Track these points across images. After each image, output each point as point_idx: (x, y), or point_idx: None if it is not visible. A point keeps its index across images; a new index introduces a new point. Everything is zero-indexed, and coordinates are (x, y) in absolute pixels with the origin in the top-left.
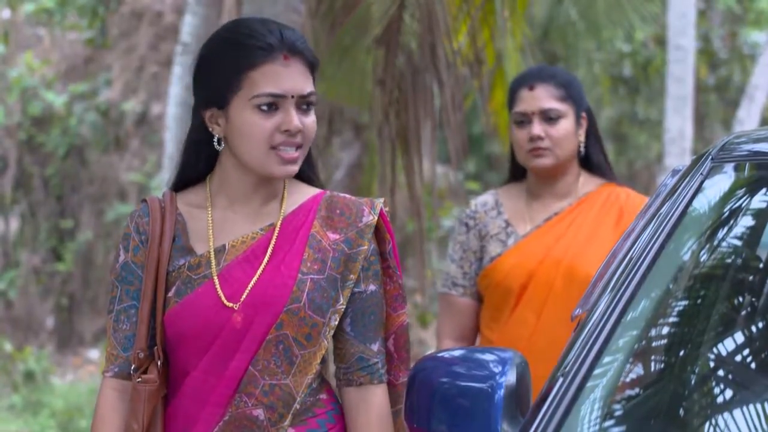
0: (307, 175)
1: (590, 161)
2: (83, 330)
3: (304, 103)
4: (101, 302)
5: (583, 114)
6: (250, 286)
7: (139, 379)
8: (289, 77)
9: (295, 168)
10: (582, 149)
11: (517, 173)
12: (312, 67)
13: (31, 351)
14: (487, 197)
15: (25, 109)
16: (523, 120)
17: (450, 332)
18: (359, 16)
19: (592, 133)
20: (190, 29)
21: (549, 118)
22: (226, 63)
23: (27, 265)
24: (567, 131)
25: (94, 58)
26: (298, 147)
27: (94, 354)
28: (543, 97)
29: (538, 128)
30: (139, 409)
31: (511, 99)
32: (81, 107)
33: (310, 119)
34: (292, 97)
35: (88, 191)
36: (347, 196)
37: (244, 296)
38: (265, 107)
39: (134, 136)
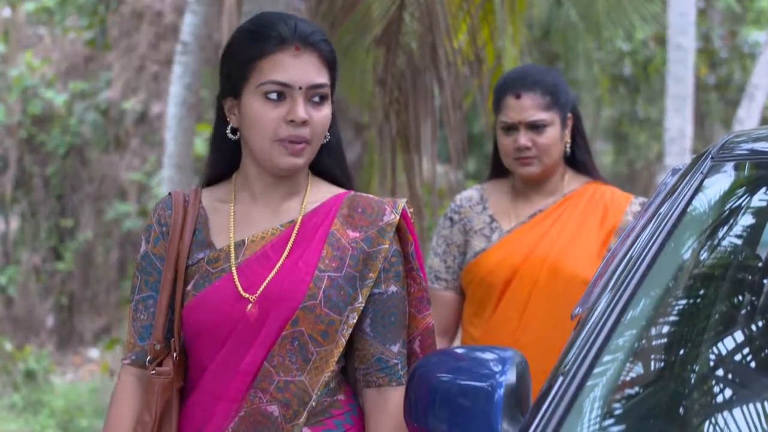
0: (336, 176)
1: (575, 160)
2: (83, 329)
3: (315, 96)
4: (101, 301)
5: (569, 115)
6: (267, 280)
7: (153, 372)
8: (297, 67)
9: (300, 161)
10: (568, 150)
11: (500, 171)
12: (328, 61)
13: (32, 350)
14: (472, 192)
15: (26, 108)
16: (510, 128)
17: None
18: (359, 15)
19: (577, 132)
20: (191, 29)
21: (536, 127)
22: (241, 52)
23: (27, 264)
24: (553, 139)
25: (95, 58)
26: (306, 141)
27: (95, 353)
28: (529, 108)
29: (524, 139)
30: (152, 401)
31: (497, 104)
32: (81, 106)
33: (322, 113)
34: (300, 88)
35: (88, 190)
36: (370, 195)
37: (260, 290)
38: (272, 95)
39: (134, 136)
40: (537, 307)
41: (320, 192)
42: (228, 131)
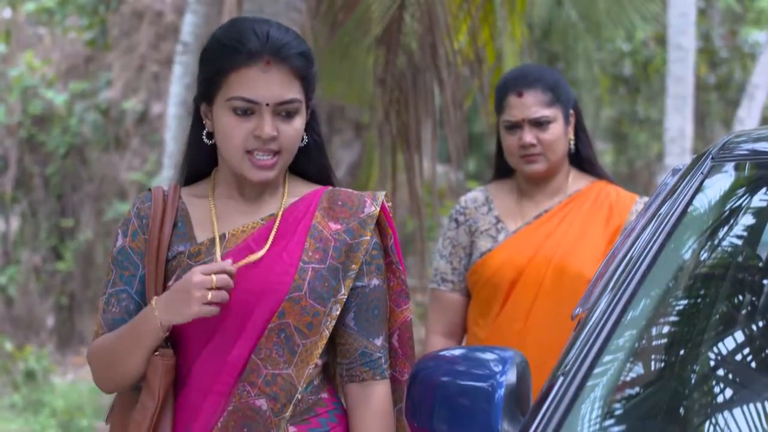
0: (311, 176)
1: (579, 157)
2: (84, 329)
3: (283, 111)
4: None
5: (571, 111)
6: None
7: (157, 353)
8: (265, 84)
9: (270, 174)
10: (572, 146)
11: (504, 171)
12: (300, 74)
13: (32, 350)
14: (477, 193)
15: (26, 108)
16: (513, 126)
17: (438, 328)
18: (360, 15)
19: (579, 128)
20: (191, 28)
21: (539, 123)
22: (213, 62)
23: (27, 264)
24: (557, 135)
25: (95, 58)
26: (275, 153)
27: None
28: (532, 105)
29: (529, 136)
30: (155, 385)
31: (499, 104)
32: (81, 106)
33: (291, 126)
34: (267, 104)
35: (88, 190)
36: (349, 189)
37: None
38: (239, 111)
39: (134, 136)
40: (543, 308)
41: (299, 189)
42: (204, 136)
